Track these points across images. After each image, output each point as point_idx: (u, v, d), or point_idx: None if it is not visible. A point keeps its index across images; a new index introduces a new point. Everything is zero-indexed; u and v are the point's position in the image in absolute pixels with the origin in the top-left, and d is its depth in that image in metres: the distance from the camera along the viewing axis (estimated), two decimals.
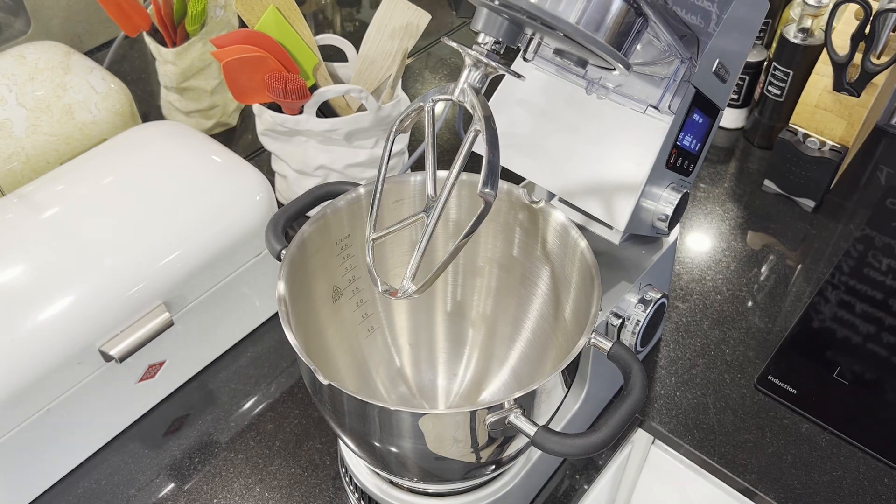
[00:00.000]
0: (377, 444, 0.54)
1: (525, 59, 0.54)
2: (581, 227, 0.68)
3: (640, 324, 0.68)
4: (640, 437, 0.78)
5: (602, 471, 0.75)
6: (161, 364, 0.76)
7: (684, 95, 0.61)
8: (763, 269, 0.91)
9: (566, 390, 0.57)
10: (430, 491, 0.63)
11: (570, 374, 0.56)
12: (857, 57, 0.91)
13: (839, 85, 0.93)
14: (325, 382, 0.51)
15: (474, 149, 0.49)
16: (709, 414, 0.77)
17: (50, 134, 0.84)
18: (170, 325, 0.72)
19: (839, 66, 0.92)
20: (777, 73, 0.99)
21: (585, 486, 0.73)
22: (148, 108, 1.05)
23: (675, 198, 0.65)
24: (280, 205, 0.93)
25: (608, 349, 0.54)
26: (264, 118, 0.85)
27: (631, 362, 0.53)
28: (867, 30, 0.90)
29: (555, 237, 0.63)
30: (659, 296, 0.70)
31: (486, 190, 0.48)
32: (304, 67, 0.84)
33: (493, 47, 0.49)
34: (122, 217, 0.72)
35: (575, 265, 0.61)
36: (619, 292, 0.68)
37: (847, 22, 0.95)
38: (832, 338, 0.83)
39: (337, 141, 0.86)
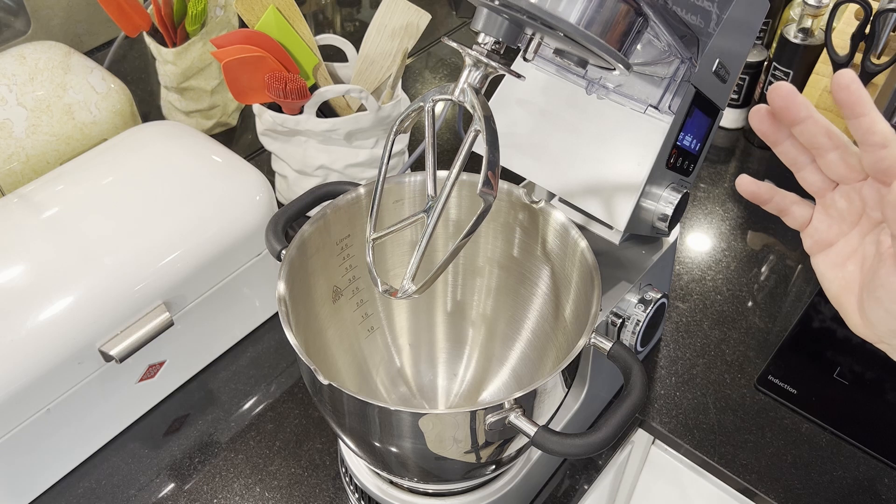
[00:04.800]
0: (377, 444, 0.54)
1: (525, 59, 0.54)
2: (581, 227, 0.68)
3: (640, 324, 0.68)
4: (640, 437, 0.78)
5: (602, 471, 0.75)
6: (161, 364, 0.76)
7: (684, 95, 0.61)
8: (763, 269, 0.91)
9: (566, 390, 0.57)
10: (430, 491, 0.63)
11: (570, 374, 0.56)
12: (857, 57, 0.91)
13: None
14: (325, 382, 0.51)
15: (474, 149, 0.49)
16: (709, 414, 0.77)
17: (50, 134, 0.84)
18: (170, 325, 0.72)
19: (839, 66, 0.92)
20: (777, 73, 0.99)
21: (585, 486, 0.73)
22: (148, 108, 1.05)
23: (675, 198, 0.65)
24: (280, 205, 0.93)
25: (608, 349, 0.54)
26: (264, 118, 0.85)
27: (631, 362, 0.53)
28: (867, 30, 0.90)
29: (555, 237, 0.63)
30: (659, 296, 0.70)
31: (486, 190, 0.48)
32: (304, 67, 0.85)
33: (493, 47, 0.49)
34: (122, 217, 0.72)
35: (575, 265, 0.61)
36: (619, 292, 0.68)
37: (847, 22, 0.95)
38: (832, 338, 0.83)
39: (337, 141, 0.86)
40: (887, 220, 0.38)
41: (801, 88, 0.97)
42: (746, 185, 0.46)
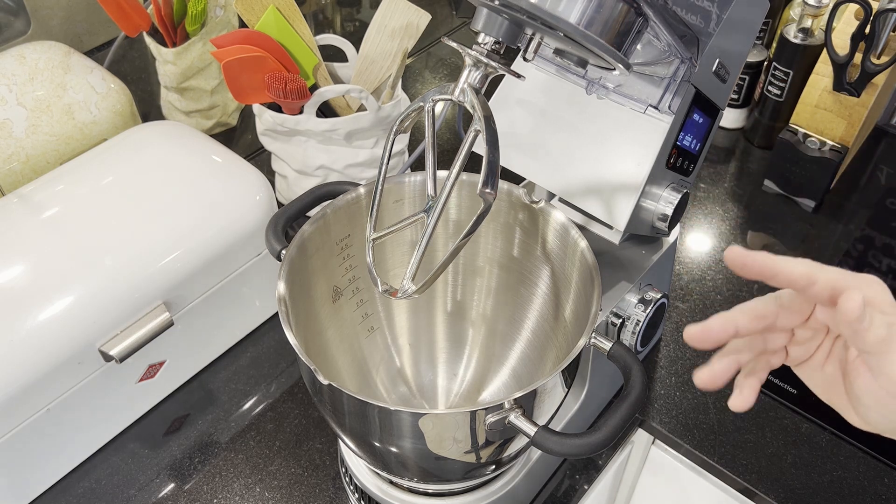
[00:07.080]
0: (377, 444, 0.54)
1: (525, 59, 0.54)
2: (581, 227, 0.68)
3: (640, 324, 0.68)
4: (640, 437, 0.78)
5: (602, 471, 0.75)
6: (161, 364, 0.76)
7: (684, 95, 0.61)
8: None
9: (566, 390, 0.57)
10: (430, 491, 0.63)
11: (570, 374, 0.56)
12: (857, 57, 0.91)
13: (839, 85, 0.93)
14: (325, 382, 0.51)
15: (474, 149, 0.49)
16: (709, 414, 0.77)
17: (50, 134, 0.84)
18: (170, 325, 0.72)
19: (839, 66, 0.92)
20: (777, 73, 0.99)
21: (585, 486, 0.73)
22: (148, 108, 1.05)
23: (675, 198, 0.65)
24: (280, 205, 0.93)
25: (608, 349, 0.54)
26: (264, 118, 0.85)
27: (631, 362, 0.53)
28: (867, 30, 0.90)
29: (555, 237, 0.63)
30: (659, 296, 0.70)
31: (486, 190, 0.48)
32: (304, 67, 0.84)
33: (493, 47, 0.49)
34: (122, 217, 0.72)
35: (575, 265, 0.61)
36: (619, 292, 0.68)
37: (847, 22, 0.95)
38: None
39: (337, 141, 0.86)
40: (846, 338, 0.39)
41: (800, 88, 0.97)
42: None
